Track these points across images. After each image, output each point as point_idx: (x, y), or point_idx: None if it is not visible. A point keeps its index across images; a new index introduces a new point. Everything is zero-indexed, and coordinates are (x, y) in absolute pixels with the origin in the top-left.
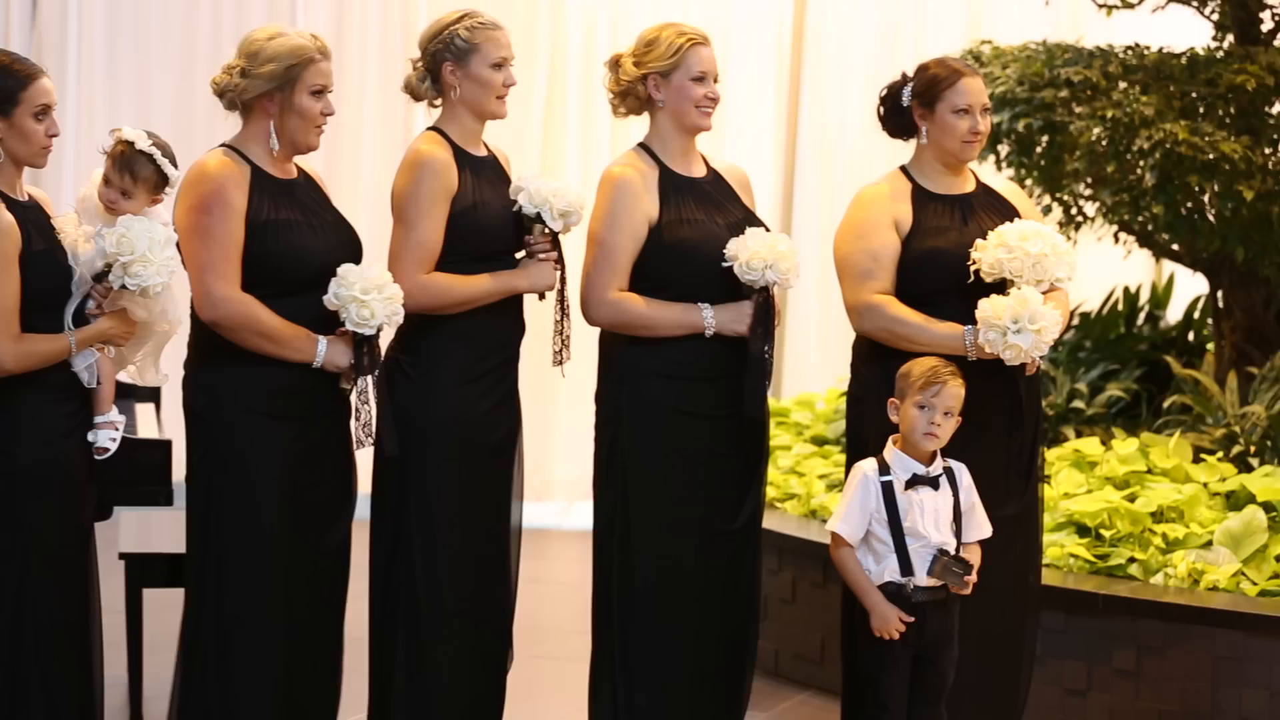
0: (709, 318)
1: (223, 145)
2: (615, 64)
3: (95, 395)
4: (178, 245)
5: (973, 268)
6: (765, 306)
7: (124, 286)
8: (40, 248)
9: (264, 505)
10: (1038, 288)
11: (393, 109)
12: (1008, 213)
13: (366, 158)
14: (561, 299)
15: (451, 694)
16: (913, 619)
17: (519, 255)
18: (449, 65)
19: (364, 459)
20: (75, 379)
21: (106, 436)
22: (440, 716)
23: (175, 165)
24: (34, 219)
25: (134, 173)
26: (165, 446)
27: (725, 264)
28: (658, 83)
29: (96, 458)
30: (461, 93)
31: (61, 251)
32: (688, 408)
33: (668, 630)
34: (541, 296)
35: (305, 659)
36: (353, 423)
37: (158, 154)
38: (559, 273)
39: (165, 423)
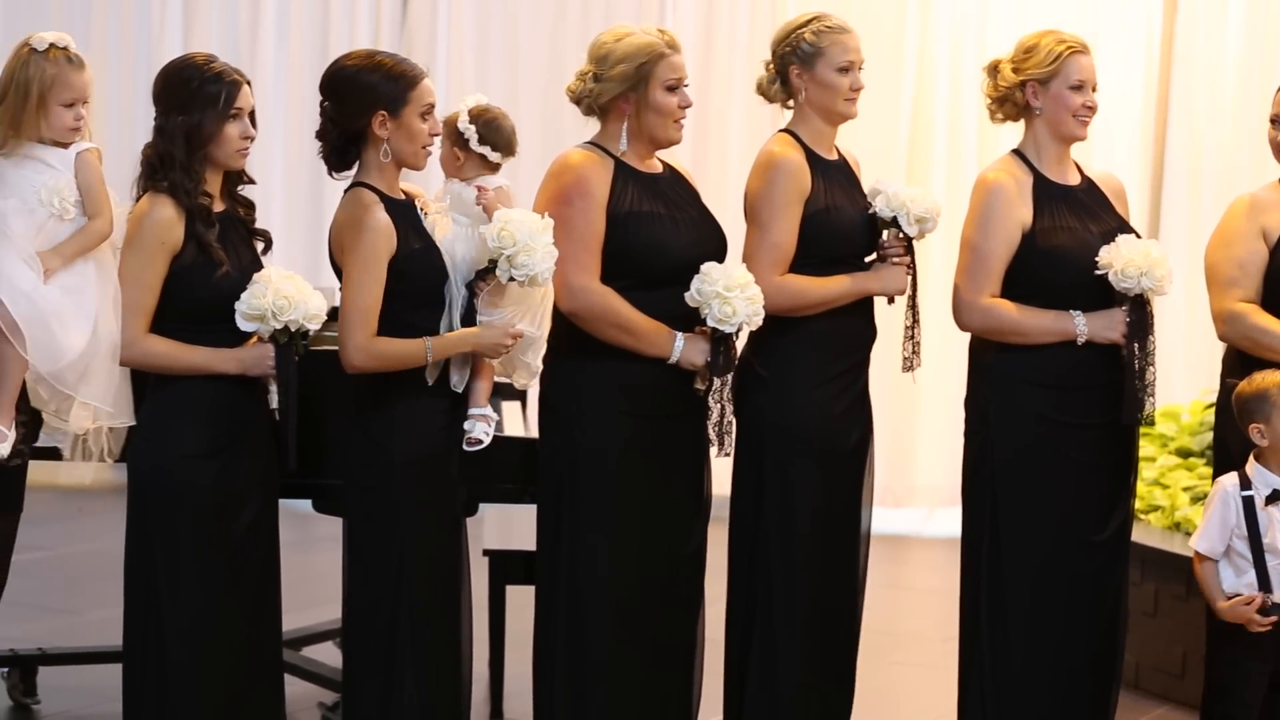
0: (1081, 325)
1: (587, 142)
2: (994, 69)
3: (472, 389)
4: None
5: None
6: (1140, 313)
7: (512, 279)
8: (418, 246)
9: (613, 501)
10: None
11: (760, 108)
12: None
13: (734, 157)
14: (913, 305)
15: (803, 694)
16: (1271, 619)
17: (868, 259)
18: (795, 69)
19: (724, 460)
20: (449, 377)
21: (482, 429)
22: (791, 718)
23: (501, 145)
24: (410, 218)
25: (461, 145)
26: (529, 444)
27: (1098, 271)
28: (1036, 90)
29: (467, 449)
30: (809, 96)
31: (437, 250)
32: (1057, 416)
33: (1036, 641)
34: (891, 300)
35: (659, 658)
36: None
37: (473, 136)
38: (910, 278)
39: (531, 421)
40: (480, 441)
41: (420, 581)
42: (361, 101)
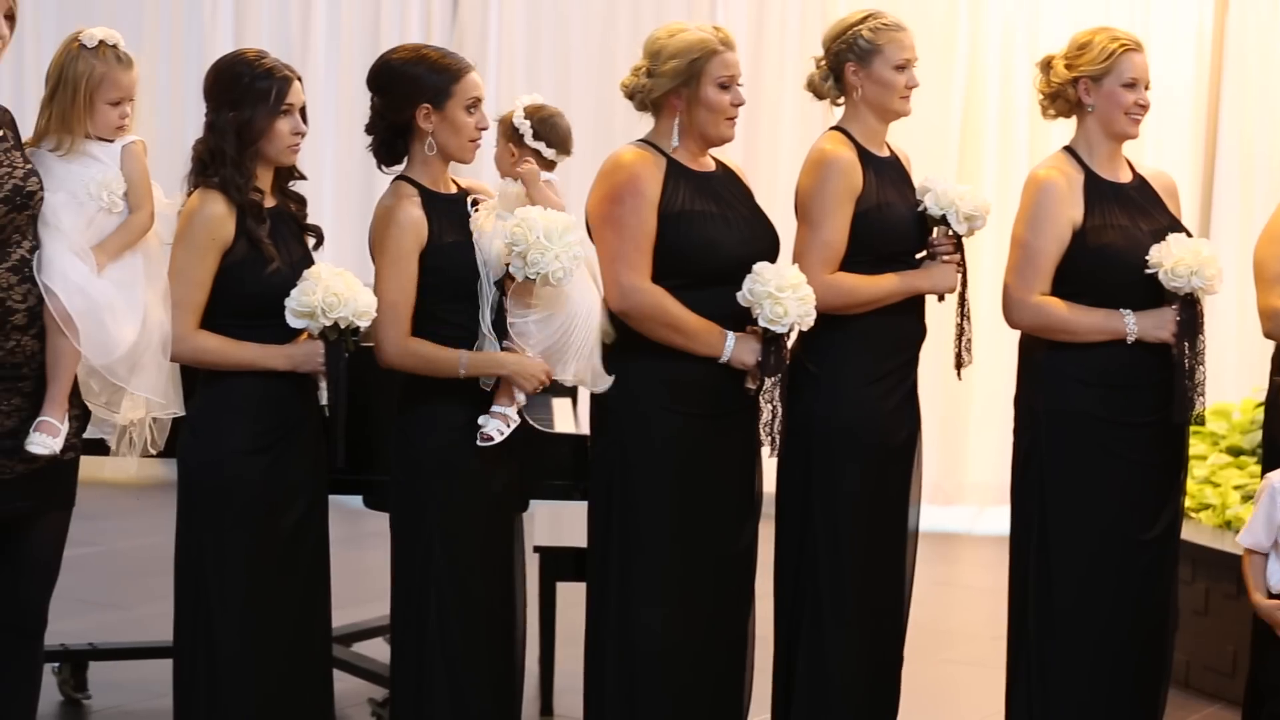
0: (1130, 324)
1: (639, 140)
2: (1047, 65)
3: (500, 387)
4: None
5: None
6: (1190, 312)
7: (527, 277)
8: (451, 239)
9: (664, 500)
10: None
11: (811, 105)
12: None
13: (785, 154)
14: (962, 303)
15: (851, 691)
16: None
17: (918, 256)
18: (851, 66)
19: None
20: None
21: (495, 427)
22: (839, 716)
23: (556, 142)
24: (453, 212)
25: (516, 142)
26: (579, 441)
27: (1149, 270)
28: (1088, 87)
29: (480, 444)
30: (864, 93)
31: (472, 246)
32: (1107, 414)
33: (1084, 639)
34: (941, 298)
35: (710, 655)
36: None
37: (528, 131)
38: (960, 275)
39: (581, 417)
40: (491, 439)
41: (450, 577)
42: (406, 94)
